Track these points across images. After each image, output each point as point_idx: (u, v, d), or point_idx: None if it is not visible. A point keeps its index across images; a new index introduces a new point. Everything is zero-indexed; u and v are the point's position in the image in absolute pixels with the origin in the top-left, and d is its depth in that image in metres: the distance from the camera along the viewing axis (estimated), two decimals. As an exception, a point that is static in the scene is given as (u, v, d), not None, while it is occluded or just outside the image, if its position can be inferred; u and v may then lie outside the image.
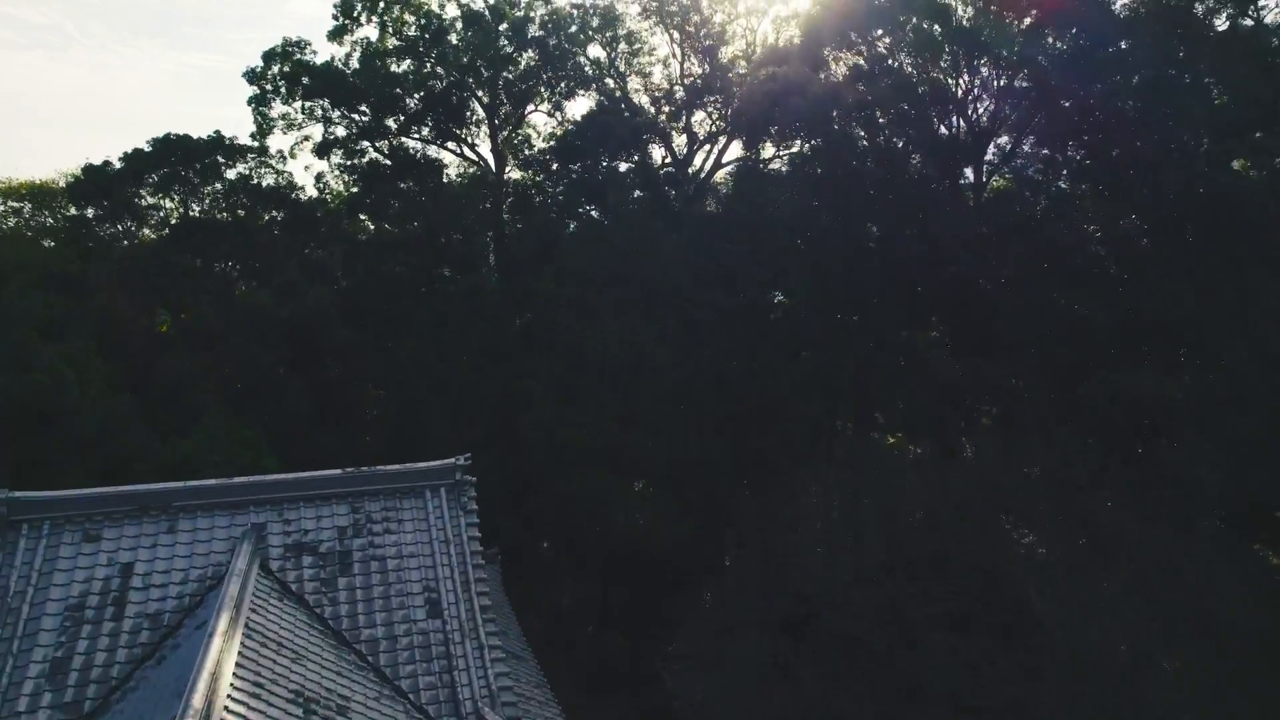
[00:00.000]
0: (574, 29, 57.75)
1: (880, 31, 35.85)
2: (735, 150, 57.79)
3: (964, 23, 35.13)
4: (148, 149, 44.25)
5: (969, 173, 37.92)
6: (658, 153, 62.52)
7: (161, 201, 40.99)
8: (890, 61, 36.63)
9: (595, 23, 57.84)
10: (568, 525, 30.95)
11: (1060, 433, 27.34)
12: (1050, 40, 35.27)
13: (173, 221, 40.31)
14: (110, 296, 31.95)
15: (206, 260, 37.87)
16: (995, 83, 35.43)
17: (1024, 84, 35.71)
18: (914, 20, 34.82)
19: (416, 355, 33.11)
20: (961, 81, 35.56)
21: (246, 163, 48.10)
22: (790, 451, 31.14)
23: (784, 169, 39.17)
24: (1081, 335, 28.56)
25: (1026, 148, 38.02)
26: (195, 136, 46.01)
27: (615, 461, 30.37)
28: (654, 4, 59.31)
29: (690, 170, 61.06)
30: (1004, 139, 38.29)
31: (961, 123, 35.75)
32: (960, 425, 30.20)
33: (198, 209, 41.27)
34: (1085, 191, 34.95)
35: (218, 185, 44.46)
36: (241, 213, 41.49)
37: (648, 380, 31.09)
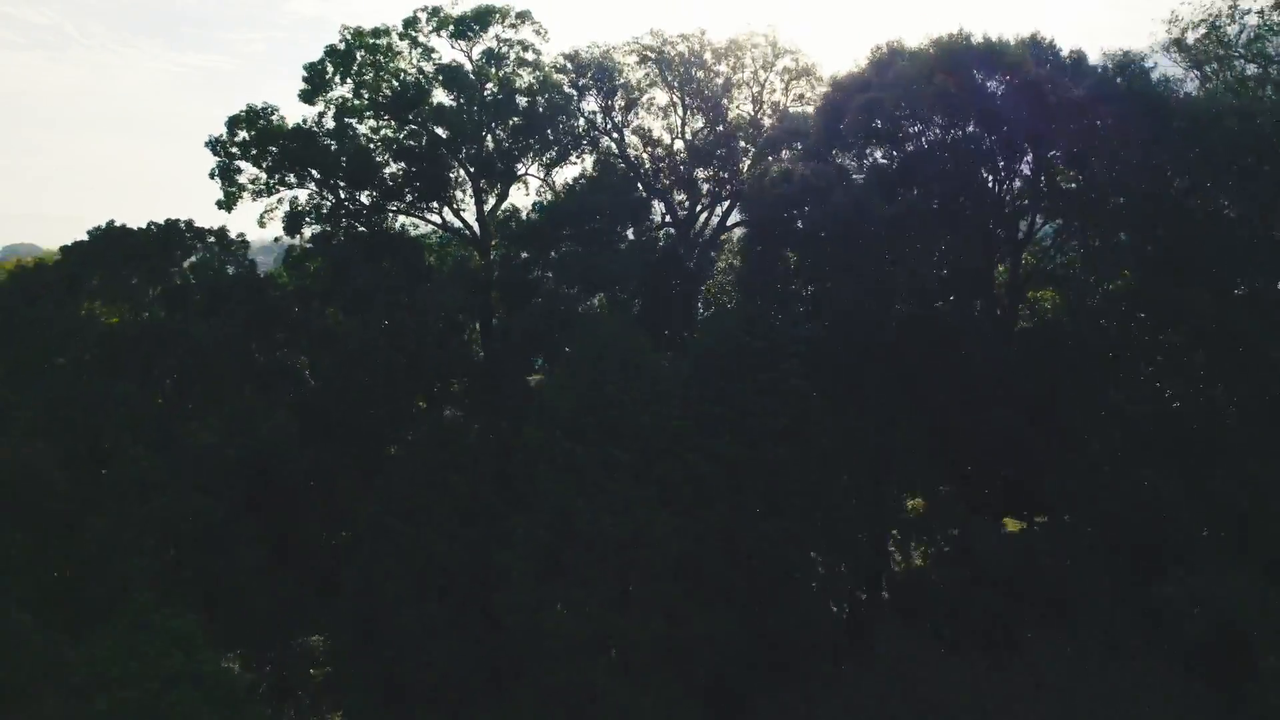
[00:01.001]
0: (565, 84, 53.32)
1: (914, 125, 31.32)
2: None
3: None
4: (87, 241, 39.82)
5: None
6: (658, 208, 58.63)
7: (98, 310, 36.47)
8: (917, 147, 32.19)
9: (591, 73, 53.38)
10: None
11: (1130, 642, 23.08)
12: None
13: (114, 326, 35.81)
14: (17, 443, 27.52)
15: (146, 384, 33.48)
16: (1042, 185, 31.03)
17: (1072, 184, 31.41)
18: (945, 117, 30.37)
19: (379, 519, 28.87)
20: (1005, 187, 31.19)
21: (204, 250, 43.72)
22: (812, 636, 26.91)
23: (801, 287, 34.66)
24: (1154, 515, 24.29)
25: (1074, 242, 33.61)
26: (144, 227, 41.56)
27: (608, 650, 26.18)
28: (652, 53, 54.91)
29: (697, 222, 56.89)
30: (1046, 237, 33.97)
31: (1000, 231, 31.35)
32: (1009, 617, 25.88)
33: (144, 315, 36.78)
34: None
35: (173, 277, 40.10)
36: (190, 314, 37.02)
37: (645, 553, 26.84)
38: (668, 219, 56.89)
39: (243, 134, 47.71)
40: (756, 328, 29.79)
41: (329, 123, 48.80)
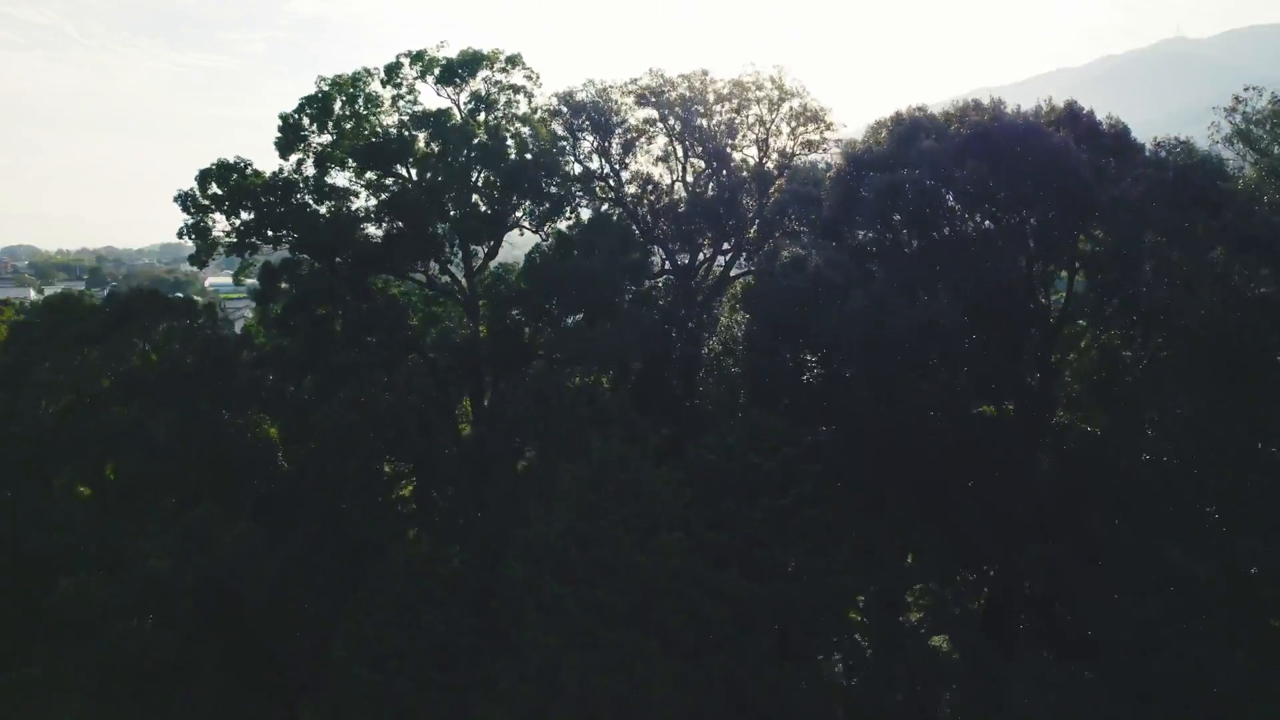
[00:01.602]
0: (559, 127, 50.21)
1: (941, 215, 28.05)
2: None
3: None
4: (38, 320, 36.78)
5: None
6: (658, 253, 55.64)
7: (43, 404, 33.26)
8: (944, 238, 29.05)
9: (586, 115, 50.26)
10: None
11: None
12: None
13: (60, 422, 32.67)
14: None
15: (94, 490, 30.50)
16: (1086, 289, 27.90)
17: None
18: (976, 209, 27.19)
19: (345, 666, 25.84)
20: (1044, 290, 28.07)
21: (172, 319, 40.55)
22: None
23: (814, 376, 31.42)
24: (1216, 691, 21.29)
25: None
26: (103, 298, 38.57)
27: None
28: (651, 95, 51.80)
29: (697, 273, 53.84)
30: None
31: (1036, 332, 28.20)
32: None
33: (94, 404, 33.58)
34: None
35: (133, 357, 36.98)
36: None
37: (643, 708, 23.82)
38: (667, 265, 54.03)
39: (214, 188, 44.77)
40: (765, 442, 26.80)
41: (309, 169, 45.81)
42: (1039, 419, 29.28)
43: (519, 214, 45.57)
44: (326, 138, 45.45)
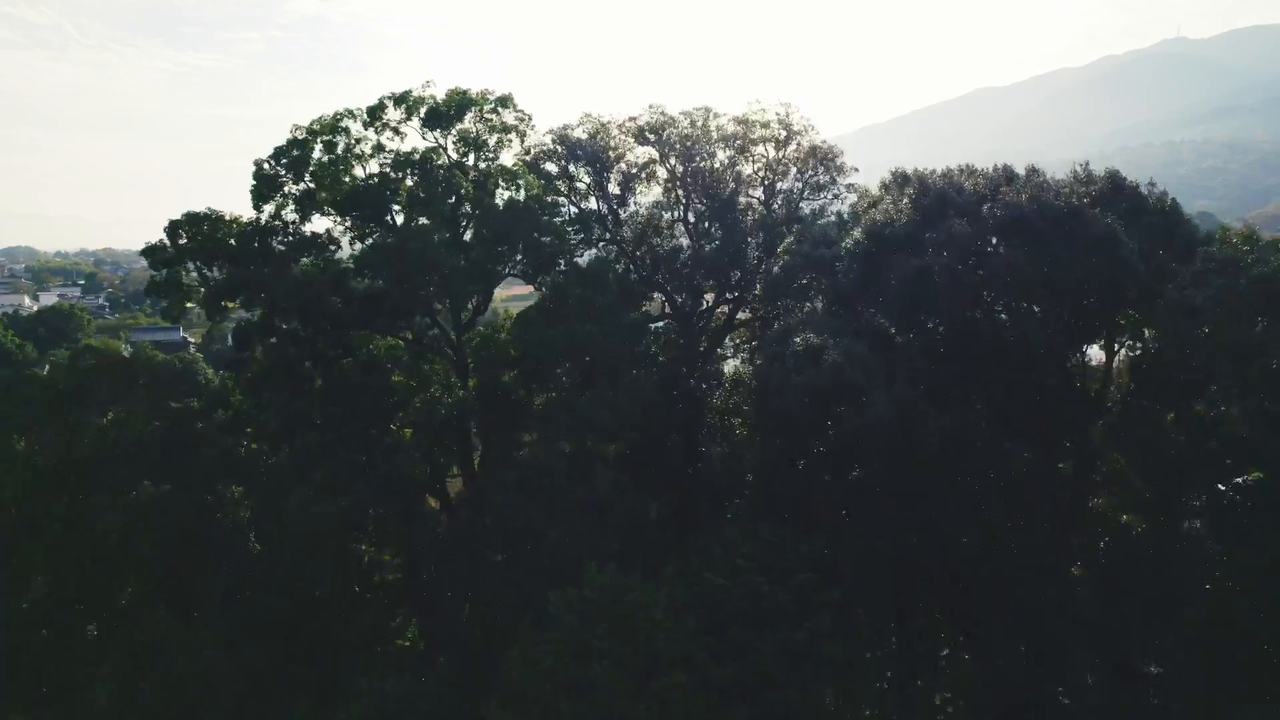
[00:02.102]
0: (554, 168, 47.43)
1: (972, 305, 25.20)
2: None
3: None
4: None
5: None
6: (657, 299, 53.01)
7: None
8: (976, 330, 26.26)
9: (583, 155, 47.43)
10: None
11: None
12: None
13: None
14: None
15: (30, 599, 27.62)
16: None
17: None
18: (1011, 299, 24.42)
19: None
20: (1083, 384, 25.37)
21: (136, 386, 37.68)
22: None
23: (830, 485, 28.51)
24: None
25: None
26: (59, 364, 35.74)
27: None
28: (651, 132, 49.01)
29: (699, 322, 51.08)
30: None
31: (1070, 444, 25.50)
32: None
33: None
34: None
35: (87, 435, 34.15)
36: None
37: None
38: (666, 308, 51.31)
39: (185, 240, 41.96)
40: (777, 563, 24.01)
41: (289, 214, 43.05)
42: (1073, 519, 26.62)
43: (509, 267, 42.72)
44: (305, 185, 42.70)
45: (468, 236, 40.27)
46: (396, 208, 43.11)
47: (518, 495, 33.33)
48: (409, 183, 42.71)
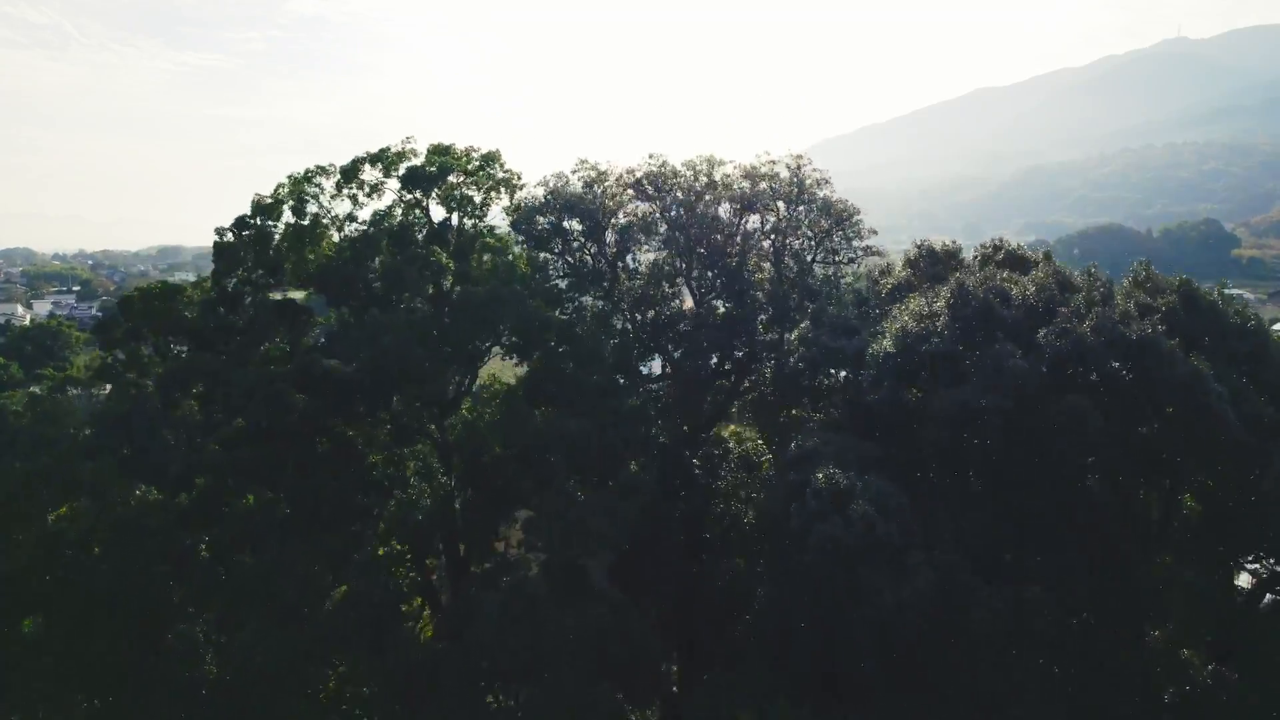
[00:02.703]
0: (544, 227, 43.71)
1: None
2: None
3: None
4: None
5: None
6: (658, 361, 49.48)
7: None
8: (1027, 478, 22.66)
9: (576, 213, 43.76)
10: None
11: None
12: None
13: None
14: None
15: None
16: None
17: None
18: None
19: None
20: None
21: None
22: None
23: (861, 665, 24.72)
24: None
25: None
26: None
27: None
28: (651, 186, 45.39)
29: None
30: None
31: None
32: None
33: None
34: None
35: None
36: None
37: None
38: (668, 369, 47.69)
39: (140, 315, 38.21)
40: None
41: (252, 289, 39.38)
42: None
43: (494, 346, 38.95)
44: (272, 256, 38.99)
45: (447, 319, 36.42)
46: (373, 275, 39.37)
47: (501, 620, 29.66)
48: (384, 255, 38.91)
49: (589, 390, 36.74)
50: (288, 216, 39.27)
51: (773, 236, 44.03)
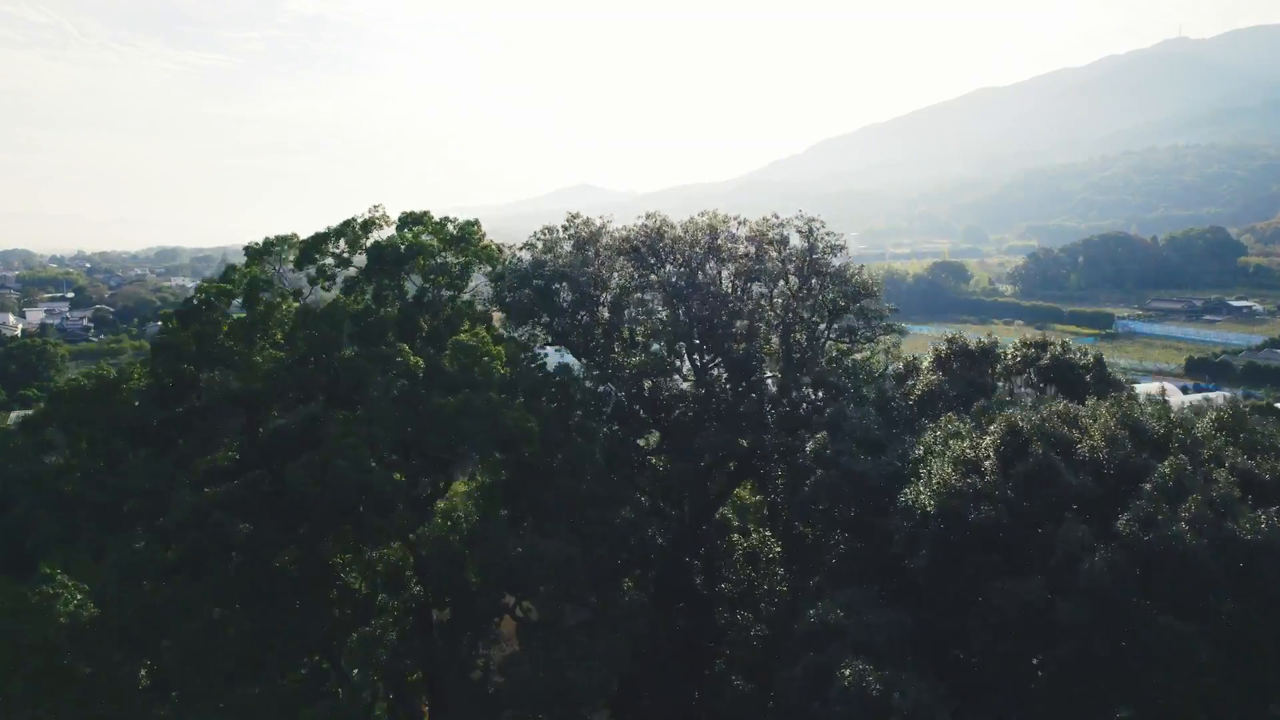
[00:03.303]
0: (528, 297, 39.60)
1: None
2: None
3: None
4: None
5: None
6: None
7: None
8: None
9: (568, 282, 39.69)
10: None
11: None
12: None
13: None
14: None
15: None
16: None
17: None
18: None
19: None
20: None
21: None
22: None
23: None
24: None
25: None
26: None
27: None
28: (644, 246, 41.46)
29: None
30: None
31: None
32: None
33: None
34: None
35: None
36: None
37: None
38: (665, 444, 43.54)
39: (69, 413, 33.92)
40: None
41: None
42: None
43: (466, 459, 34.73)
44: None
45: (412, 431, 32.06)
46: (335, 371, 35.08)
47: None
48: (348, 341, 34.65)
49: (576, 499, 32.66)
50: (236, 305, 35.06)
51: (780, 310, 39.81)
